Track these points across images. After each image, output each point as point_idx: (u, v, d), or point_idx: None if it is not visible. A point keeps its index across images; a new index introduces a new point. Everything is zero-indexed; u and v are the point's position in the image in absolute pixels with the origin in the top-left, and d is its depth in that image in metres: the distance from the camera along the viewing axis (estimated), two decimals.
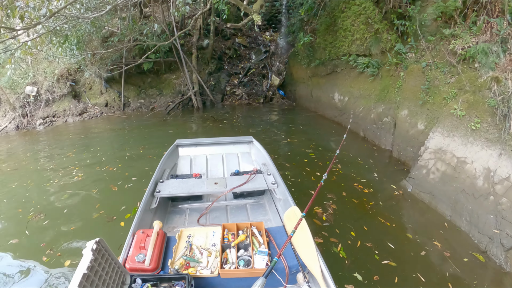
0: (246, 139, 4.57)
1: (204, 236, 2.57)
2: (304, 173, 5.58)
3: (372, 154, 6.35)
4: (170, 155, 4.19)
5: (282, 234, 2.60)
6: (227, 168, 4.15)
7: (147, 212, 2.92)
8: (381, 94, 6.79)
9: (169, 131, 8.62)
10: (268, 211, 3.40)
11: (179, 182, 3.33)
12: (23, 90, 10.83)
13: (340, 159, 6.06)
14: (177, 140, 4.49)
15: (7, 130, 10.76)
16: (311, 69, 9.73)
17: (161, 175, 3.65)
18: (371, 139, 6.93)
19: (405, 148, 5.75)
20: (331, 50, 8.52)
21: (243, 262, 2.28)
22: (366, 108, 7.19)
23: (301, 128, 8.40)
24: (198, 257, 2.35)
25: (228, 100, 11.99)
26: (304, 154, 6.45)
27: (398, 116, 6.05)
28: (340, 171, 5.60)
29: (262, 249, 2.36)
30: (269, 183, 3.34)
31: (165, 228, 3.01)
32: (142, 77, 12.00)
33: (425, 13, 5.82)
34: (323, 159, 6.18)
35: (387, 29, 6.97)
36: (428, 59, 5.66)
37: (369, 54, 7.34)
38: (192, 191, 3.21)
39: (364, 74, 7.47)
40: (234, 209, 3.42)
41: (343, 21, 7.95)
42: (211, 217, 3.24)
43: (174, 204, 3.47)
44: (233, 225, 2.62)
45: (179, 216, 3.28)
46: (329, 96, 8.85)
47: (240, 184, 3.31)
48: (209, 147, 4.53)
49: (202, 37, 12.24)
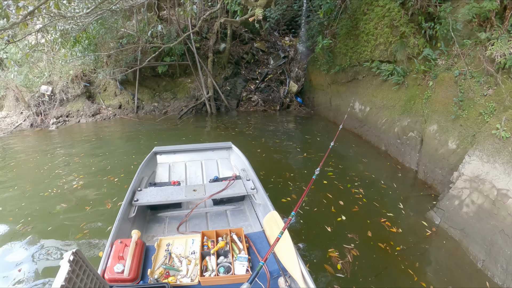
0: (225, 145, 4.56)
1: (183, 244, 2.56)
2: (324, 200, 4.78)
3: (395, 174, 5.65)
4: (148, 163, 4.11)
5: (262, 239, 2.62)
6: (206, 174, 4.10)
7: (126, 221, 2.87)
8: (406, 106, 6.10)
9: (181, 139, 8.22)
10: (248, 216, 3.40)
11: (158, 190, 3.29)
12: (38, 89, 10.94)
13: (362, 180, 5.37)
14: (155, 147, 4.40)
15: (22, 127, 10.94)
16: (330, 76, 9.12)
17: (139, 183, 3.58)
18: (394, 156, 6.23)
19: (432, 169, 5.05)
20: (352, 56, 7.89)
21: (223, 269, 2.28)
22: (389, 120, 6.50)
23: (318, 140, 7.74)
24: (177, 265, 2.34)
25: (244, 106, 11.53)
26: (322, 174, 5.67)
27: (426, 131, 5.35)
28: (364, 198, 4.83)
29: (242, 255, 2.36)
30: (249, 188, 3.34)
31: (144, 237, 2.97)
32: (157, 80, 11.77)
33: (457, 15, 5.15)
34: (343, 180, 5.42)
35: (414, 33, 6.32)
36: (462, 66, 4.98)
37: (394, 61, 6.68)
38: (170, 199, 3.17)
39: (388, 83, 6.79)
40: (214, 215, 3.41)
41: (366, 24, 7.32)
42: (191, 225, 3.23)
43: (153, 212, 3.41)
44: (212, 232, 2.61)
45: (158, 224, 3.24)
46: (349, 105, 8.19)
47: (219, 190, 3.29)
48: (188, 154, 4.50)
49: (219, 41, 11.89)
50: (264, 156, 6.72)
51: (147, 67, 11.27)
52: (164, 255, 2.41)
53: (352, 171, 5.76)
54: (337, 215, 4.36)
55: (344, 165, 6.06)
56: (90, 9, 5.60)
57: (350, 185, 5.20)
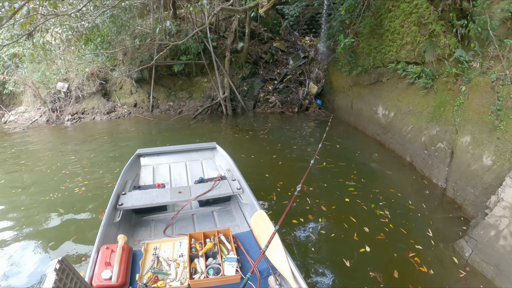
0: (209, 145, 4.51)
1: (171, 248, 2.53)
2: (345, 224, 4.16)
3: (422, 191, 5.01)
4: (132, 166, 4.03)
5: (250, 239, 2.62)
6: (191, 176, 4.04)
7: (111, 226, 2.81)
8: (435, 112, 5.48)
9: (195, 141, 7.91)
10: (235, 216, 3.37)
11: (142, 193, 3.22)
12: (55, 86, 11.04)
13: (388, 199, 4.76)
14: (138, 150, 4.31)
15: (38, 123, 11.13)
16: (352, 78, 8.53)
17: (123, 187, 3.52)
18: (420, 168, 5.61)
19: (463, 188, 4.44)
20: (375, 56, 7.29)
21: (213, 270, 2.26)
22: (415, 128, 5.90)
23: (338, 148, 7.15)
24: (166, 269, 2.31)
25: (260, 107, 11.11)
26: (343, 189, 5.12)
27: (457, 143, 4.74)
28: (390, 224, 4.17)
29: (230, 255, 2.34)
30: (234, 188, 3.33)
31: (130, 242, 2.91)
32: (173, 79, 11.58)
33: (493, 12, 4.51)
34: (367, 198, 4.81)
35: (444, 31, 5.69)
36: (500, 70, 4.35)
37: (422, 62, 6.07)
38: (156, 202, 3.09)
39: (414, 86, 6.18)
40: (201, 217, 3.37)
41: (391, 22, 6.72)
42: (178, 227, 3.19)
43: (138, 216, 3.33)
44: (199, 234, 2.58)
45: (144, 228, 3.17)
46: (372, 109, 7.61)
47: (205, 191, 3.24)
48: (172, 155, 4.43)
49: (237, 40, 11.53)
50: (280, 165, 6.23)
51: (163, 66, 11.10)
52: (152, 259, 2.38)
53: (376, 187, 5.16)
54: (359, 245, 3.74)
55: (366, 179, 5.46)
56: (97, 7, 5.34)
57: (374, 205, 4.60)
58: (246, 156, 6.67)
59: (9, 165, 6.92)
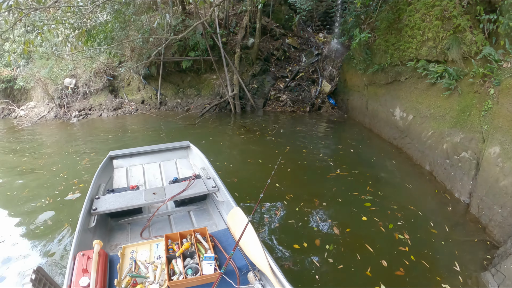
0: (183, 144, 4.45)
1: (147, 250, 2.51)
2: (358, 255, 3.50)
3: (444, 208, 4.43)
4: (105, 169, 3.94)
5: (228, 237, 2.63)
6: (165, 176, 3.98)
7: (86, 232, 2.73)
8: (459, 117, 4.93)
9: (200, 142, 7.55)
10: (212, 215, 3.36)
11: (116, 197, 3.15)
12: (62, 82, 10.94)
13: (407, 217, 4.18)
14: (110, 152, 4.22)
15: (46, 118, 11.07)
16: (368, 76, 7.99)
17: (96, 191, 3.42)
18: (441, 180, 5.06)
19: (490, 206, 3.90)
20: (393, 54, 6.74)
21: (191, 270, 2.24)
22: (436, 133, 5.35)
23: (352, 152, 6.62)
24: (144, 272, 2.28)
25: (271, 106, 10.66)
26: (359, 204, 4.55)
27: (484, 153, 4.20)
28: (411, 255, 3.51)
29: (208, 254, 2.33)
30: (210, 187, 3.30)
31: (107, 247, 2.86)
32: (181, 76, 11.27)
33: None
34: (384, 215, 4.25)
35: (470, 26, 5.12)
36: None
37: (444, 60, 5.52)
38: (130, 205, 3.03)
39: (436, 87, 5.63)
40: (178, 218, 3.35)
41: (410, 16, 6.16)
42: (155, 229, 3.14)
43: (114, 220, 3.25)
44: (176, 235, 2.55)
45: (121, 232, 3.10)
46: (388, 111, 7.06)
47: (180, 191, 3.20)
48: (145, 156, 4.35)
49: (247, 36, 11.08)
50: (289, 172, 5.71)
51: (171, 62, 10.80)
52: (129, 263, 2.35)
53: (394, 202, 4.61)
54: (373, 283, 3.14)
55: (384, 192, 4.91)
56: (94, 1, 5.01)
57: (393, 225, 4.06)
58: (254, 161, 6.25)
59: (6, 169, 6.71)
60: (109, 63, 11.07)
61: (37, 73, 11.12)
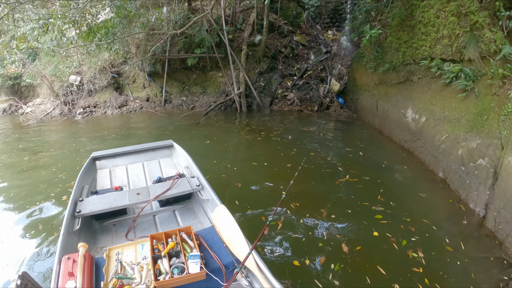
0: (166, 143, 4.43)
1: (133, 251, 2.50)
2: (367, 278, 3.16)
3: (459, 221, 4.08)
4: (87, 170, 3.88)
5: (213, 235, 2.63)
6: (149, 176, 3.95)
7: (71, 235, 2.69)
8: (476, 121, 4.61)
9: (204, 142, 7.34)
10: (197, 214, 3.36)
11: (100, 198, 3.10)
12: (67, 79, 10.89)
13: (421, 232, 3.81)
14: (93, 153, 4.17)
15: (51, 115, 11.10)
16: (378, 75, 7.66)
17: (79, 193, 3.36)
18: (455, 188, 4.73)
19: (508, 221, 3.58)
20: (405, 52, 6.41)
21: (177, 270, 2.23)
22: (451, 137, 5.03)
23: (361, 156, 6.28)
24: (130, 273, 2.27)
25: (278, 104, 10.39)
26: (370, 215, 4.20)
27: (503, 162, 3.88)
28: (425, 277, 3.17)
29: (193, 253, 2.32)
30: (194, 185, 3.30)
31: (93, 249, 2.83)
32: (187, 73, 11.10)
33: None
34: (397, 229, 3.87)
35: (489, 24, 4.78)
36: None
37: (460, 60, 5.18)
38: (114, 206, 2.99)
39: (451, 88, 5.30)
40: (163, 217, 3.33)
41: (424, 12, 5.82)
42: (140, 230, 3.11)
43: (98, 222, 3.20)
44: (160, 234, 2.55)
45: (106, 234, 3.07)
46: (400, 112, 6.75)
47: (164, 191, 3.18)
48: (128, 156, 4.31)
49: (255, 33, 10.82)
50: (296, 176, 5.38)
51: (176, 59, 10.63)
52: (115, 265, 2.34)
53: (407, 214, 4.25)
54: None
55: (396, 201, 4.56)
56: None
57: (406, 241, 3.69)
58: (259, 164, 5.97)
59: (6, 168, 6.62)
60: (113, 60, 10.96)
61: (42, 70, 11.09)
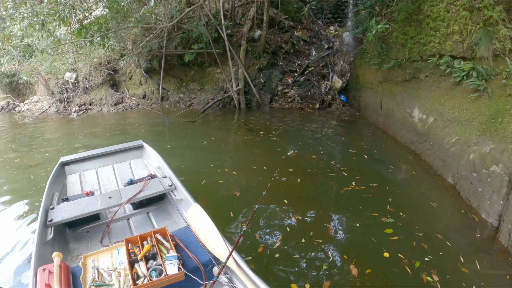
0: (136, 144, 4.35)
1: (109, 257, 2.45)
2: None
3: (473, 235, 3.72)
4: (57, 177, 3.75)
5: (189, 234, 2.63)
6: (120, 178, 3.87)
7: (44, 245, 2.61)
8: (489, 124, 4.29)
9: (201, 143, 7.04)
10: (172, 214, 3.33)
11: (71, 205, 3.01)
12: (63, 76, 10.65)
13: (435, 250, 3.43)
14: (61, 158, 4.02)
15: (48, 113, 10.91)
16: (382, 72, 7.33)
17: (50, 201, 3.27)
18: (466, 196, 4.39)
19: None
20: (412, 48, 6.07)
21: (155, 272, 2.22)
22: (462, 140, 4.72)
23: (366, 159, 5.89)
24: (108, 280, 2.23)
25: (278, 102, 10.07)
26: (379, 229, 3.81)
27: None
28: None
29: (170, 254, 2.31)
30: (166, 185, 3.25)
31: (68, 258, 2.76)
32: (184, 69, 10.80)
33: None
34: (409, 248, 3.50)
35: (504, 19, 4.45)
36: None
37: (472, 57, 4.84)
38: (86, 212, 2.91)
39: (462, 87, 4.98)
40: (137, 220, 3.27)
41: (433, 6, 5.47)
42: (115, 235, 3.04)
43: (72, 230, 3.10)
44: (135, 238, 2.50)
45: (80, 242, 2.99)
46: (406, 111, 6.43)
47: (136, 193, 3.11)
48: (98, 159, 4.20)
49: (254, 28, 10.48)
50: (299, 183, 5.01)
51: (173, 55, 10.32)
52: (92, 273, 2.30)
53: (419, 227, 3.87)
54: None
55: (406, 212, 4.16)
56: None
57: (420, 263, 3.30)
58: (258, 167, 5.63)
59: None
60: (109, 56, 10.68)
61: (38, 67, 10.86)
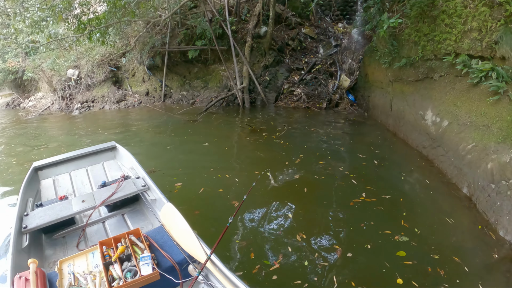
0: (109, 145, 4.36)
1: (84, 261, 2.46)
2: None
3: (490, 255, 3.36)
4: (30, 182, 3.71)
5: (163, 234, 2.65)
6: (94, 181, 3.84)
7: (20, 253, 2.59)
8: (510, 130, 3.94)
9: (203, 144, 6.77)
10: (147, 215, 3.34)
11: (45, 210, 2.98)
12: (65, 73, 10.53)
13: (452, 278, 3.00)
14: (34, 163, 3.99)
15: (51, 110, 10.83)
16: (393, 71, 6.96)
17: (24, 207, 3.21)
18: (482, 209, 4.02)
19: None
20: (426, 45, 5.71)
21: (130, 273, 2.22)
22: (479, 147, 4.36)
23: (376, 165, 5.50)
24: (84, 284, 2.23)
25: (283, 100, 9.74)
26: (392, 251, 3.47)
27: None
28: None
29: (144, 254, 2.32)
30: (139, 186, 3.27)
31: (45, 265, 2.75)
32: (188, 67, 10.55)
33: None
34: (425, 275, 3.15)
35: None
36: None
37: (491, 57, 4.51)
38: (60, 216, 2.89)
39: (479, 89, 4.62)
40: (112, 223, 3.27)
41: (448, 1, 5.13)
42: (91, 238, 3.05)
43: (48, 236, 3.08)
44: (109, 240, 2.50)
45: (56, 247, 2.97)
46: (418, 113, 6.07)
47: (110, 195, 3.11)
48: (71, 163, 4.18)
49: (260, 24, 10.16)
50: (305, 193, 4.68)
51: (177, 52, 10.08)
52: (69, 278, 2.30)
53: (435, 248, 3.50)
54: None
55: (421, 228, 3.81)
56: None
57: None
58: (260, 173, 5.24)
59: None
60: (112, 53, 10.50)
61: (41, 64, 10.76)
